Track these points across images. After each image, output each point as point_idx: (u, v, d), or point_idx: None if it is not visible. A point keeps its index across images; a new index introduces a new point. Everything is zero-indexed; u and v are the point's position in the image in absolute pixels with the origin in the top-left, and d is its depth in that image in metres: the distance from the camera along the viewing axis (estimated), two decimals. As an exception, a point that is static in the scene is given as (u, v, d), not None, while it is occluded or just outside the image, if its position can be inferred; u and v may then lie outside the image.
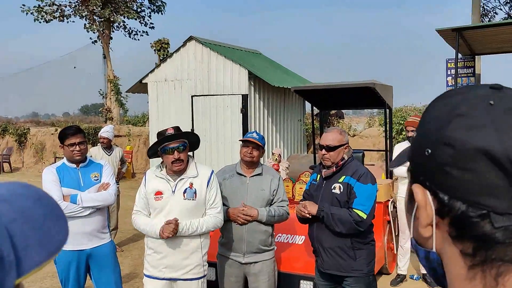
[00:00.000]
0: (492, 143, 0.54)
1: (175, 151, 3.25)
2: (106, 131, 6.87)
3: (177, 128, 3.38)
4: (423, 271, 5.54)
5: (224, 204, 3.68)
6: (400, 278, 5.53)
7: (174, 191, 3.31)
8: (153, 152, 3.41)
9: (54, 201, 0.60)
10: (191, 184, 3.33)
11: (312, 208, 3.31)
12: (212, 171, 3.50)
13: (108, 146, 6.85)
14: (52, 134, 18.19)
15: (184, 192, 3.31)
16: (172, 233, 3.19)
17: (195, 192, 3.32)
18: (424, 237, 0.63)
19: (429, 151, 0.60)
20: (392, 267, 5.81)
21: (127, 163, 14.47)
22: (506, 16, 16.63)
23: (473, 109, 0.57)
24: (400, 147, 5.51)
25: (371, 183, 3.30)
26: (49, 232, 0.56)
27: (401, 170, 5.37)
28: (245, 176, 3.71)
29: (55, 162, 15.78)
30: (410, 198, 0.66)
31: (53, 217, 0.58)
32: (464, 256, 0.58)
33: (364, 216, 3.21)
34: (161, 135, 3.31)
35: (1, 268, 0.48)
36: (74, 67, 28.49)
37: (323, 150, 3.35)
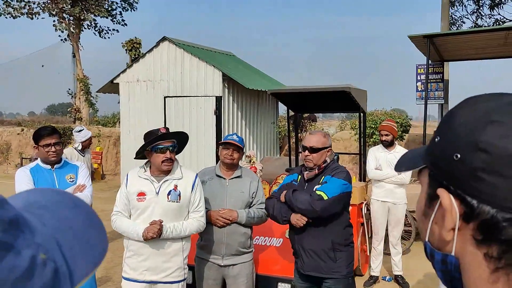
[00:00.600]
0: None
1: (167, 151, 3.24)
2: (88, 134, 6.74)
3: (168, 129, 3.40)
4: (396, 272, 5.64)
5: None
6: (373, 280, 5.62)
7: (158, 193, 3.27)
8: (140, 151, 3.35)
9: (91, 209, 0.57)
10: (176, 186, 3.30)
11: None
12: (197, 175, 3.49)
13: (85, 148, 6.73)
14: (18, 134, 17.70)
15: (168, 194, 3.28)
16: (156, 234, 3.16)
17: (179, 195, 3.30)
18: (445, 240, 0.64)
19: (458, 156, 0.61)
20: (365, 268, 5.90)
21: (96, 165, 14.21)
22: (473, 25, 17.15)
23: (506, 117, 0.59)
24: (373, 151, 5.60)
25: (343, 179, 3.31)
26: (91, 241, 0.54)
27: (378, 173, 5.46)
28: (224, 179, 3.70)
29: (21, 163, 15.33)
30: (429, 201, 0.67)
31: (92, 225, 0.56)
32: (488, 259, 0.59)
33: (324, 196, 3.18)
34: (152, 134, 3.28)
35: (57, 280, 0.47)
36: (42, 66, 27.81)
37: (306, 151, 3.37)
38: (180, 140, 3.41)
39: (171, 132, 3.36)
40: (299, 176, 3.53)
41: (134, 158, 3.48)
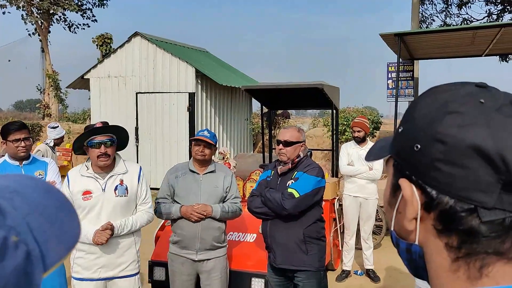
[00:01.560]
0: (485, 140, 0.56)
1: (102, 145, 3.17)
2: (62, 132, 6.65)
3: (105, 123, 3.32)
4: (367, 266, 5.73)
5: (176, 202, 3.66)
6: (345, 274, 5.69)
7: (104, 189, 3.23)
8: (79, 146, 3.28)
9: (63, 194, 0.57)
10: (122, 181, 3.28)
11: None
12: (140, 167, 3.49)
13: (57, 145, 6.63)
14: (-16, 130, 17.18)
15: (115, 189, 3.25)
16: (108, 239, 3.15)
17: (126, 188, 3.28)
18: (408, 230, 0.64)
19: (418, 146, 0.61)
20: (337, 263, 5.97)
21: (66, 162, 13.92)
22: (442, 23, 17.55)
23: (464, 107, 0.59)
24: (346, 147, 5.68)
25: (316, 176, 3.36)
26: (64, 225, 0.54)
27: (350, 169, 5.53)
28: (198, 174, 3.68)
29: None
30: (394, 191, 0.67)
31: (64, 210, 0.55)
32: (448, 249, 0.60)
33: (295, 194, 3.24)
34: (89, 127, 3.25)
35: (29, 263, 0.47)
36: (9, 61, 27.06)
37: (280, 145, 3.41)
38: (120, 135, 3.33)
39: (106, 126, 3.28)
40: (273, 172, 3.56)
41: (74, 153, 3.43)
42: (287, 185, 3.36)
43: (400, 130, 0.67)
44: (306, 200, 3.27)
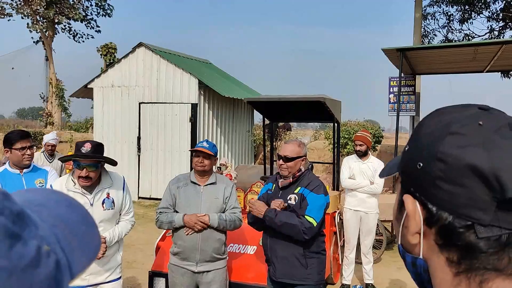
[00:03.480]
0: (481, 161, 0.59)
1: (85, 168, 3.20)
2: (53, 138, 6.65)
3: (96, 145, 3.28)
4: (367, 281, 5.72)
5: (177, 212, 3.67)
6: (345, 288, 5.68)
7: (92, 204, 3.29)
8: (66, 160, 3.37)
9: (84, 208, 0.60)
10: (108, 194, 3.37)
11: (260, 208, 3.37)
12: (124, 178, 3.58)
13: (52, 153, 6.63)
14: (-13, 137, 17.23)
15: (103, 202, 3.33)
16: (104, 253, 3.31)
17: (112, 201, 3.39)
18: (412, 244, 0.67)
19: (421, 164, 0.65)
20: (336, 277, 5.95)
21: (68, 171, 13.95)
22: (444, 39, 17.65)
23: (464, 129, 0.62)
24: (348, 161, 5.70)
25: (323, 194, 3.40)
26: (86, 238, 0.56)
27: (351, 182, 5.55)
28: (199, 185, 3.70)
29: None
30: (400, 207, 0.70)
31: (86, 223, 0.58)
32: (450, 264, 0.63)
33: (314, 223, 3.28)
34: (78, 148, 3.22)
35: (59, 271, 0.49)
36: (12, 68, 27.18)
37: (281, 160, 3.43)
38: (108, 160, 3.36)
39: (94, 155, 3.24)
40: (274, 185, 3.57)
41: (62, 162, 3.48)
42: (287, 198, 3.38)
43: (406, 148, 0.71)
44: (321, 223, 3.36)
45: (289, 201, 3.39)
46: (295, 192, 3.41)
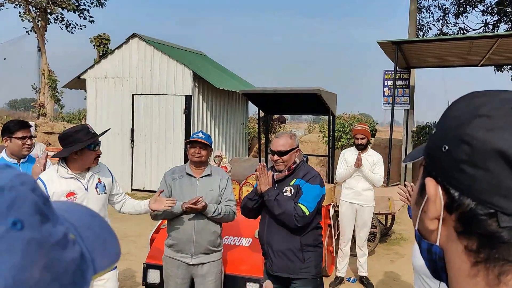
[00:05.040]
0: (509, 145, 0.56)
1: (98, 148, 3.35)
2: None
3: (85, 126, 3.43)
4: (361, 273, 5.73)
5: None
6: (339, 280, 5.69)
7: (87, 188, 3.29)
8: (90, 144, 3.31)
9: (105, 219, 0.63)
10: (99, 179, 3.39)
11: (263, 186, 3.33)
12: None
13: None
14: (-22, 128, 17.06)
15: (96, 187, 3.35)
16: None
17: (104, 186, 3.41)
18: (429, 229, 0.65)
19: (446, 147, 0.62)
20: (331, 269, 5.97)
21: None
22: (439, 32, 17.66)
23: (494, 111, 0.60)
24: (344, 154, 5.67)
25: (319, 185, 3.37)
26: (107, 243, 0.59)
27: (346, 171, 5.52)
28: (194, 177, 3.68)
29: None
30: (421, 190, 0.68)
31: (107, 231, 0.61)
32: (468, 252, 0.60)
33: (307, 213, 3.25)
34: (84, 131, 3.27)
35: (83, 261, 0.52)
36: (5, 59, 26.89)
37: (275, 156, 3.39)
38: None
39: (100, 132, 3.46)
40: None
41: (53, 157, 3.53)
42: (283, 191, 3.35)
43: (433, 131, 0.68)
44: (313, 214, 3.32)
45: (285, 194, 3.36)
46: (291, 184, 3.38)
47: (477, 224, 0.58)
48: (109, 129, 3.66)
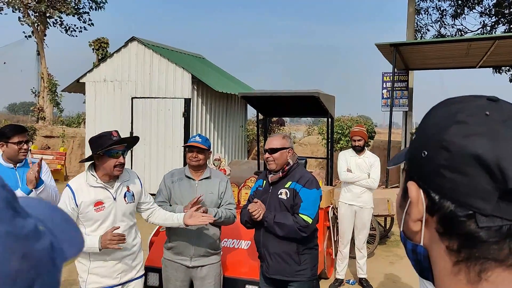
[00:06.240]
0: (485, 150, 0.59)
1: (121, 155, 3.19)
2: None
3: (118, 132, 3.30)
4: (360, 275, 5.73)
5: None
6: (338, 283, 5.69)
7: (115, 198, 3.23)
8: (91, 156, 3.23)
9: (66, 213, 0.65)
10: (128, 187, 3.33)
11: (259, 215, 3.34)
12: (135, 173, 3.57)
13: None
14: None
15: (124, 196, 3.29)
16: (117, 245, 3.09)
17: (133, 195, 3.35)
18: (413, 231, 0.68)
19: (426, 153, 0.65)
20: (330, 271, 5.97)
21: (59, 166, 13.84)
22: (437, 34, 17.68)
23: (471, 118, 0.63)
24: (344, 155, 5.69)
25: (315, 188, 3.39)
26: (71, 233, 0.62)
27: (350, 176, 5.54)
28: (194, 180, 3.69)
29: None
30: (404, 194, 0.71)
31: (70, 223, 0.64)
32: (450, 252, 0.64)
33: (310, 221, 3.28)
34: (105, 137, 3.17)
35: (53, 250, 0.55)
36: (4, 63, 26.88)
37: (267, 153, 3.43)
38: (130, 144, 3.41)
39: (125, 137, 3.32)
40: (264, 182, 3.56)
41: (80, 162, 3.44)
42: (278, 193, 3.37)
43: (413, 137, 0.72)
44: (315, 220, 3.35)
45: (279, 196, 3.38)
46: (285, 187, 3.39)
47: (457, 225, 0.61)
48: (138, 137, 3.56)
